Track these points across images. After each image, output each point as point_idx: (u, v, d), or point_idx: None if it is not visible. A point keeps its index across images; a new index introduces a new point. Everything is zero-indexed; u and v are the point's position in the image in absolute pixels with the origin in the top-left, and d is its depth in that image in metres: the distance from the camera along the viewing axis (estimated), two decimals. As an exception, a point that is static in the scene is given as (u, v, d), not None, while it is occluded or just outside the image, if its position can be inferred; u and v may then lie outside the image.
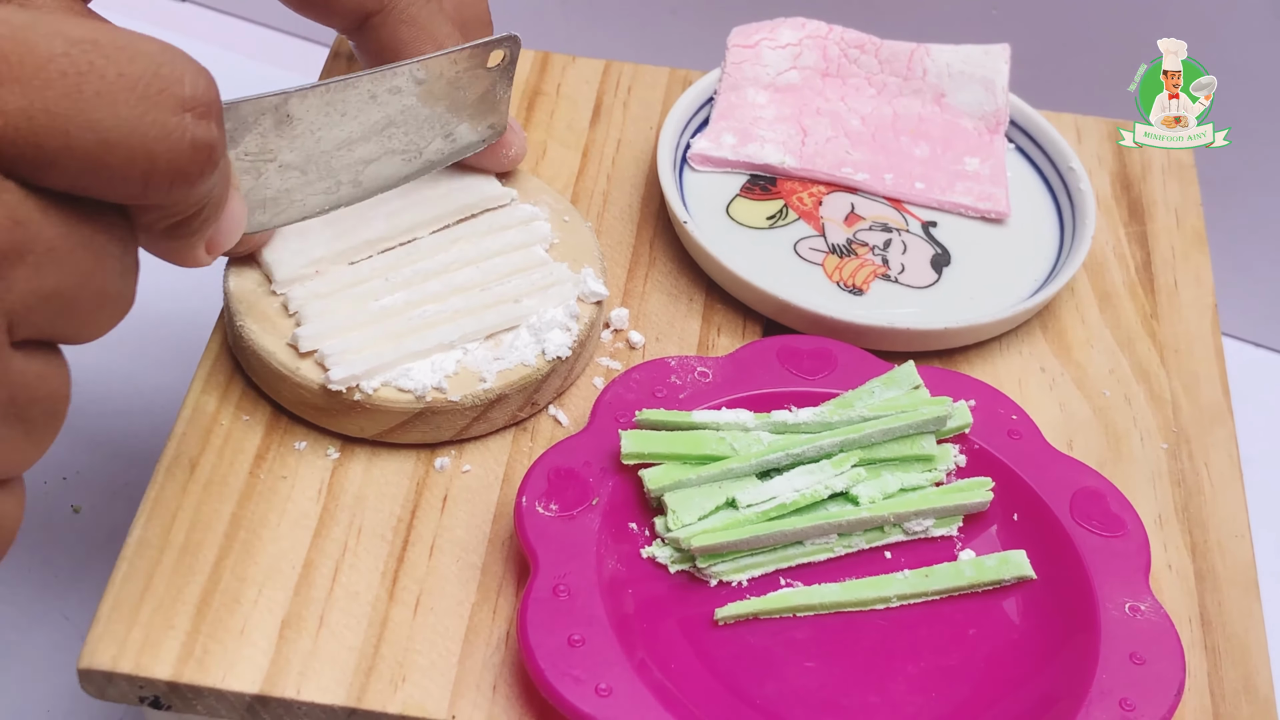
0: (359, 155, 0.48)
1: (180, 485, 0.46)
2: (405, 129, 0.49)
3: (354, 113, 0.47)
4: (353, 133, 0.48)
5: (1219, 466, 0.51)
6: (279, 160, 0.46)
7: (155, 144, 0.31)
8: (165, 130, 0.31)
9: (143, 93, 0.31)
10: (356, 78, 0.47)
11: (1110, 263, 0.58)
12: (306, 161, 0.47)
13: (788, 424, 0.47)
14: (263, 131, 0.45)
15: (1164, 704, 0.42)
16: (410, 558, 0.46)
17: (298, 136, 0.46)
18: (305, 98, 0.45)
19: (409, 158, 0.50)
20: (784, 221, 0.57)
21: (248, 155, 0.45)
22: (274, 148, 0.46)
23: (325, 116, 0.46)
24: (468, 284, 0.50)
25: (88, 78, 0.30)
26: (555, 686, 0.41)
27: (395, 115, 0.48)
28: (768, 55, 0.60)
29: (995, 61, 0.60)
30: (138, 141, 0.31)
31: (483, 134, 0.52)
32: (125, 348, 0.70)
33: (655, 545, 0.46)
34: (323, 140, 0.47)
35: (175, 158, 0.32)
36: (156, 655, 0.42)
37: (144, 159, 0.31)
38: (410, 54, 0.50)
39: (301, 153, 0.46)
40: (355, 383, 0.46)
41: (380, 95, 0.48)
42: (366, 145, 0.48)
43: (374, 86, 0.47)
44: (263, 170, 0.46)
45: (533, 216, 0.52)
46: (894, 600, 0.46)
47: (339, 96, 0.46)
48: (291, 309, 0.48)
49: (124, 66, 0.31)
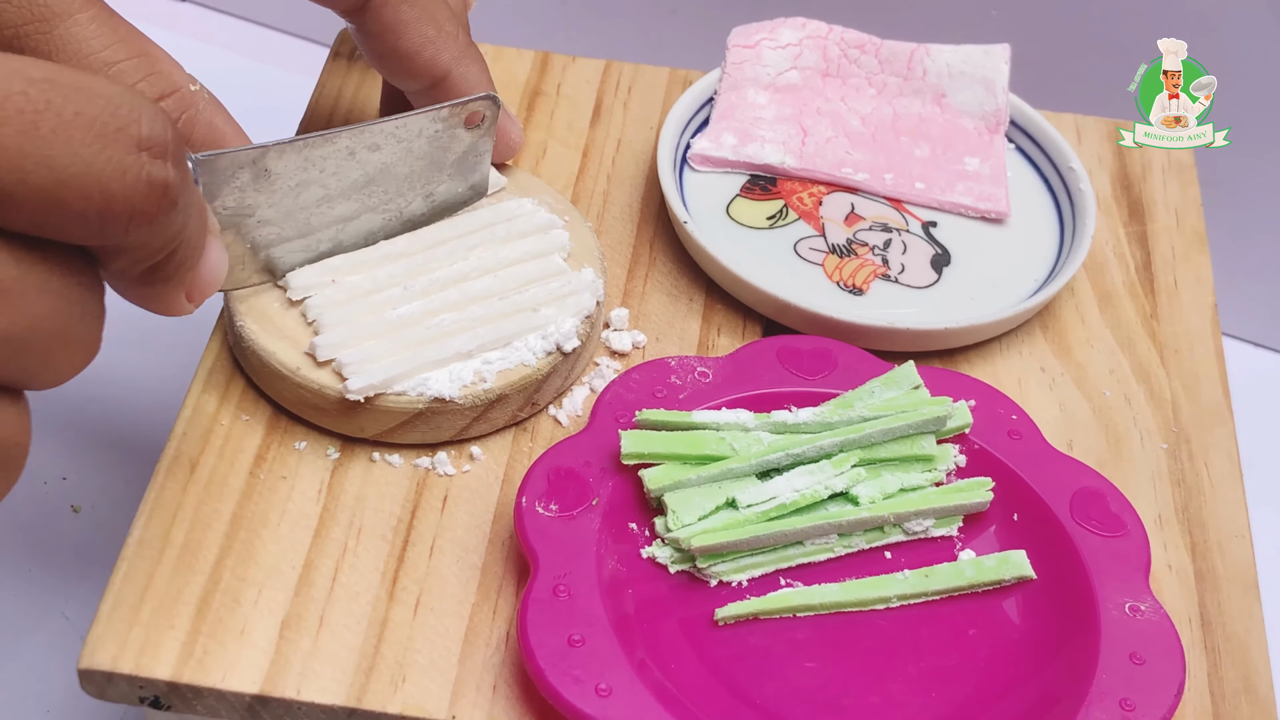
0: (339, 213, 0.48)
1: (180, 485, 0.46)
2: (385, 187, 0.49)
3: (333, 169, 0.47)
4: (332, 189, 0.48)
5: (1219, 466, 0.51)
6: (257, 216, 0.46)
7: (110, 182, 0.31)
8: (121, 169, 0.32)
9: (99, 131, 0.31)
10: (335, 134, 0.47)
11: (1110, 263, 0.58)
12: (285, 218, 0.47)
13: (788, 424, 0.47)
14: (240, 186, 0.45)
15: (1164, 704, 0.42)
16: (410, 558, 0.46)
17: (276, 192, 0.46)
18: (283, 153, 0.45)
19: (389, 217, 0.50)
20: (784, 221, 0.57)
21: (225, 210, 0.45)
22: (252, 203, 0.46)
23: (304, 172, 0.46)
24: (485, 293, 0.50)
25: (44, 115, 0.31)
26: (555, 686, 0.41)
27: (374, 173, 0.48)
28: (768, 55, 0.60)
29: (995, 61, 0.60)
30: (93, 180, 0.31)
31: (464, 194, 0.52)
32: (125, 348, 0.70)
33: (655, 545, 0.46)
34: (301, 196, 0.47)
35: (131, 196, 0.32)
36: (157, 655, 0.42)
37: (100, 197, 0.31)
38: (413, 35, 0.50)
39: (280, 209, 0.47)
40: (373, 392, 0.46)
41: (359, 151, 0.48)
42: (346, 203, 0.48)
43: (352, 143, 0.47)
44: (241, 225, 0.46)
45: (550, 224, 0.52)
46: (894, 600, 0.46)
47: (318, 152, 0.47)
48: (309, 317, 0.48)
49: (81, 106, 0.31)
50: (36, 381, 0.33)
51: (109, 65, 0.42)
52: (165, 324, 0.71)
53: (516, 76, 0.63)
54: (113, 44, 0.42)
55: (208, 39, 0.88)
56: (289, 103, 0.65)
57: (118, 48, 0.43)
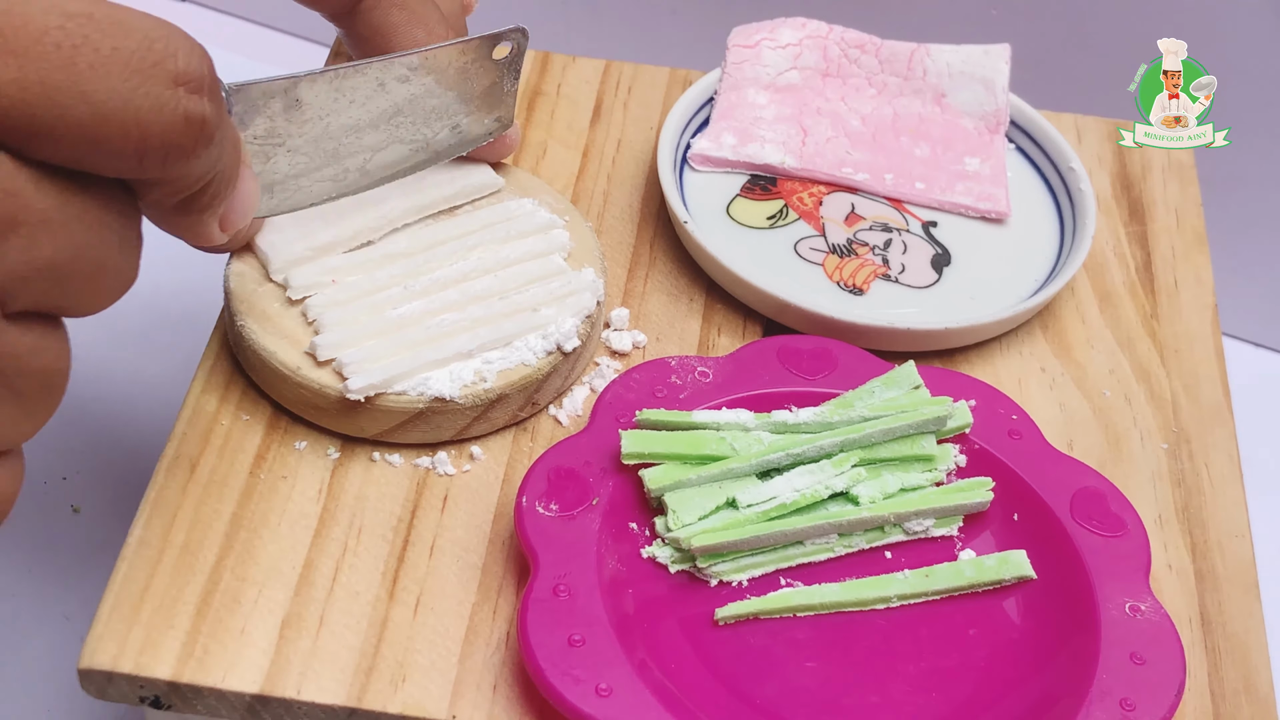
0: (367, 143, 0.48)
1: (180, 485, 0.46)
2: (412, 118, 0.49)
3: (362, 100, 0.47)
4: (360, 120, 0.48)
5: (1219, 466, 0.51)
6: (287, 145, 0.46)
7: (148, 117, 0.32)
8: (158, 104, 0.32)
9: (136, 66, 0.31)
10: (366, 64, 0.47)
11: (1110, 263, 0.58)
12: (314, 147, 0.47)
13: (788, 424, 0.47)
14: (271, 115, 0.45)
15: (1164, 704, 0.42)
16: (410, 558, 0.46)
17: (306, 121, 0.46)
18: (314, 82, 0.45)
19: (416, 148, 0.50)
20: (784, 221, 0.57)
21: (256, 139, 0.45)
22: (283, 132, 0.46)
23: (334, 102, 0.46)
24: (486, 292, 0.50)
25: (82, 51, 0.31)
26: (555, 686, 0.41)
27: (403, 104, 0.48)
28: (768, 55, 0.60)
29: (995, 61, 0.60)
30: (130, 115, 0.31)
31: (489, 127, 0.52)
32: (125, 348, 0.70)
33: (655, 545, 0.46)
34: (331, 126, 0.47)
35: (168, 131, 0.32)
36: (157, 655, 0.42)
37: (137, 132, 0.32)
38: (402, 38, 0.50)
39: (310, 138, 0.47)
40: (373, 392, 0.46)
41: (388, 83, 0.48)
42: (374, 133, 0.48)
43: (382, 74, 0.47)
44: (271, 154, 0.46)
45: (551, 224, 0.52)
46: (894, 600, 0.46)
47: (348, 83, 0.47)
48: (310, 317, 0.48)
49: (118, 41, 0.31)
50: (77, 309, 0.34)
51: None
52: (165, 324, 0.71)
53: (516, 76, 0.62)
54: None
55: (208, 39, 0.88)
56: (289, 103, 0.65)
57: None
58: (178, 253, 0.56)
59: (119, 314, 0.72)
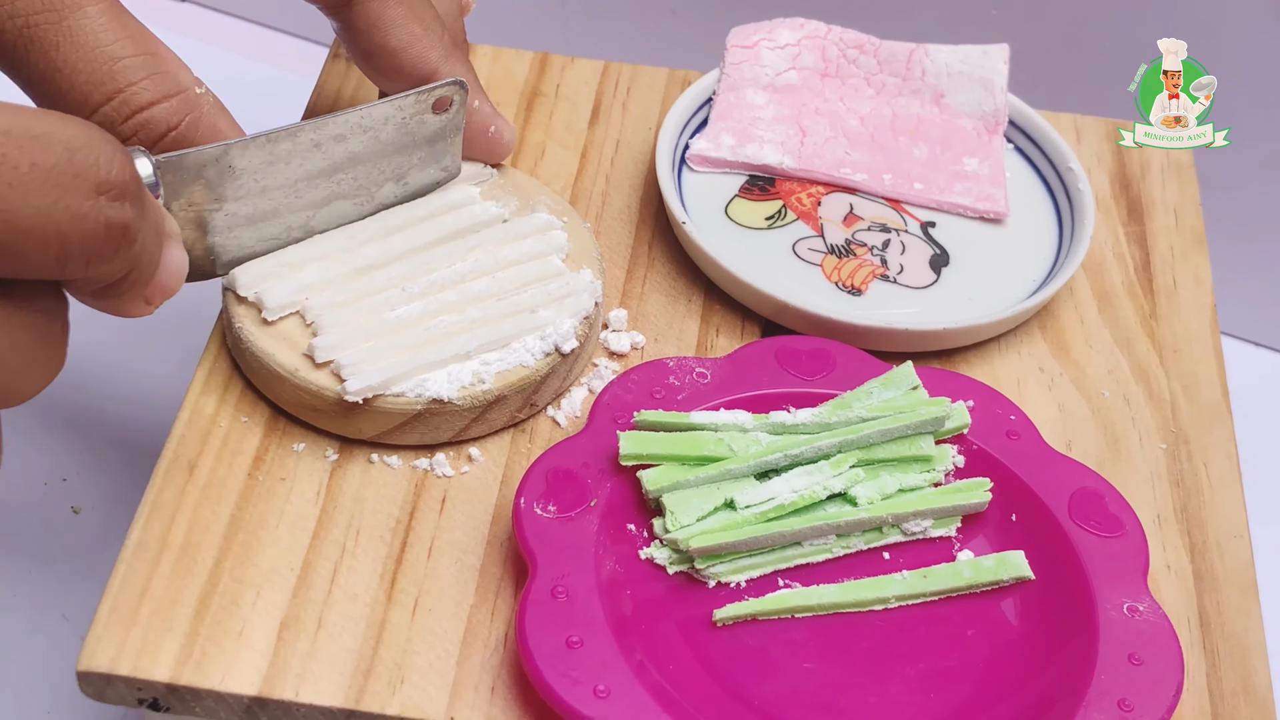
0: (307, 200, 0.49)
1: (179, 487, 0.46)
2: (354, 175, 0.49)
3: (298, 162, 0.47)
4: (299, 181, 0.48)
5: (1218, 466, 0.51)
6: (225, 209, 0.46)
7: (68, 229, 0.32)
8: (78, 215, 0.32)
9: (56, 181, 0.31)
10: (298, 128, 0.47)
11: (1109, 263, 0.58)
12: (254, 211, 0.47)
13: (786, 425, 0.47)
14: (206, 184, 0.45)
15: (1162, 704, 0.42)
16: (408, 559, 0.46)
17: (242, 186, 0.46)
18: (246, 149, 0.45)
19: (360, 201, 0.50)
20: (783, 222, 0.57)
21: (193, 206, 0.45)
22: (220, 196, 0.46)
23: (269, 167, 0.47)
24: (484, 294, 0.49)
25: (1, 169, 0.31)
26: (554, 688, 0.41)
27: (341, 162, 0.48)
28: (766, 56, 0.60)
29: (994, 62, 0.60)
30: (51, 228, 0.32)
31: (436, 176, 0.52)
32: (125, 349, 0.70)
33: (654, 546, 0.46)
34: (269, 190, 0.47)
35: (88, 240, 0.32)
36: (155, 657, 0.42)
37: (58, 244, 0.32)
38: (399, 32, 0.50)
39: (249, 203, 0.47)
40: (371, 394, 0.46)
41: (325, 144, 0.48)
42: (315, 191, 0.48)
43: (317, 135, 0.47)
44: (209, 219, 0.46)
45: (549, 225, 0.52)
46: (892, 601, 0.46)
47: (281, 147, 0.47)
48: (308, 319, 0.48)
49: (37, 156, 0.31)
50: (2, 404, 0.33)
51: (115, 60, 0.42)
52: (165, 325, 0.71)
53: (515, 77, 0.63)
54: (120, 39, 0.42)
55: (208, 39, 0.88)
56: (289, 103, 0.65)
57: (125, 43, 0.43)
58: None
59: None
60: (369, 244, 0.50)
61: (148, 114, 0.43)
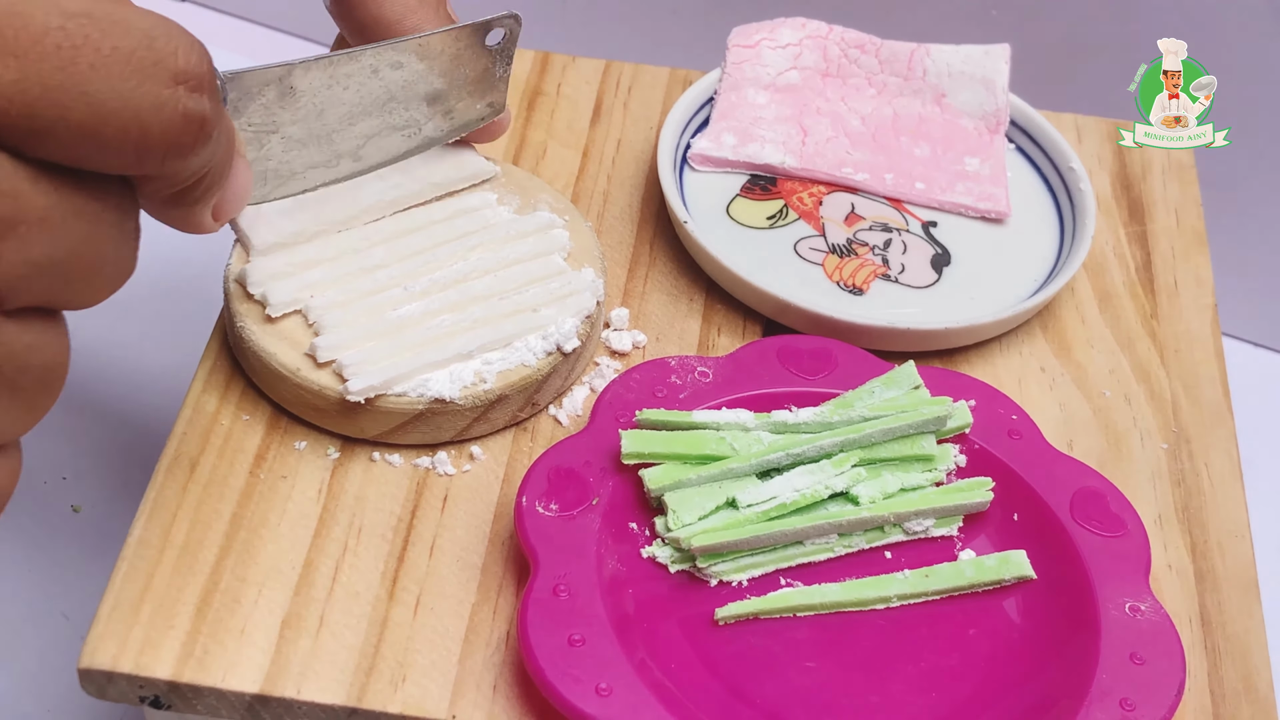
0: (360, 130, 0.49)
1: (180, 485, 0.46)
2: (405, 104, 0.49)
3: (356, 86, 0.48)
4: (354, 107, 0.48)
5: (1219, 466, 0.51)
6: (282, 132, 0.46)
7: (148, 116, 0.32)
8: (158, 102, 0.32)
9: (136, 66, 0.32)
10: (359, 51, 0.47)
11: (1110, 263, 0.58)
12: (309, 134, 0.47)
13: (788, 424, 0.47)
14: (266, 103, 0.45)
15: (1164, 704, 0.42)
16: (410, 557, 0.46)
17: (300, 109, 0.46)
18: (309, 70, 0.46)
19: (409, 134, 0.50)
20: (784, 221, 0.57)
21: (251, 126, 0.45)
22: (277, 119, 0.46)
23: (328, 89, 0.47)
24: (486, 293, 0.49)
25: (82, 51, 0.31)
26: (555, 686, 0.41)
27: (396, 90, 0.49)
28: (768, 55, 0.60)
29: (995, 61, 0.60)
30: (130, 114, 0.32)
31: (481, 112, 0.52)
32: (126, 348, 0.70)
33: (655, 545, 0.46)
34: (325, 114, 0.47)
35: (167, 129, 0.32)
36: (157, 655, 0.42)
37: (137, 131, 0.32)
38: (395, 3, 0.50)
39: (304, 125, 0.47)
40: (373, 393, 0.46)
41: (382, 70, 0.48)
42: (368, 120, 0.49)
43: (376, 60, 0.48)
44: (266, 141, 0.46)
45: (550, 224, 0.52)
46: (894, 600, 0.46)
47: (342, 70, 0.47)
48: (310, 319, 0.48)
49: (118, 40, 0.31)
50: (76, 302, 0.34)
51: None
52: (165, 324, 0.71)
53: (517, 76, 0.63)
54: None
55: (208, 39, 0.88)
56: (289, 103, 0.65)
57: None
58: (178, 253, 0.56)
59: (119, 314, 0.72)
60: (380, 245, 0.50)
61: None
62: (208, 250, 0.61)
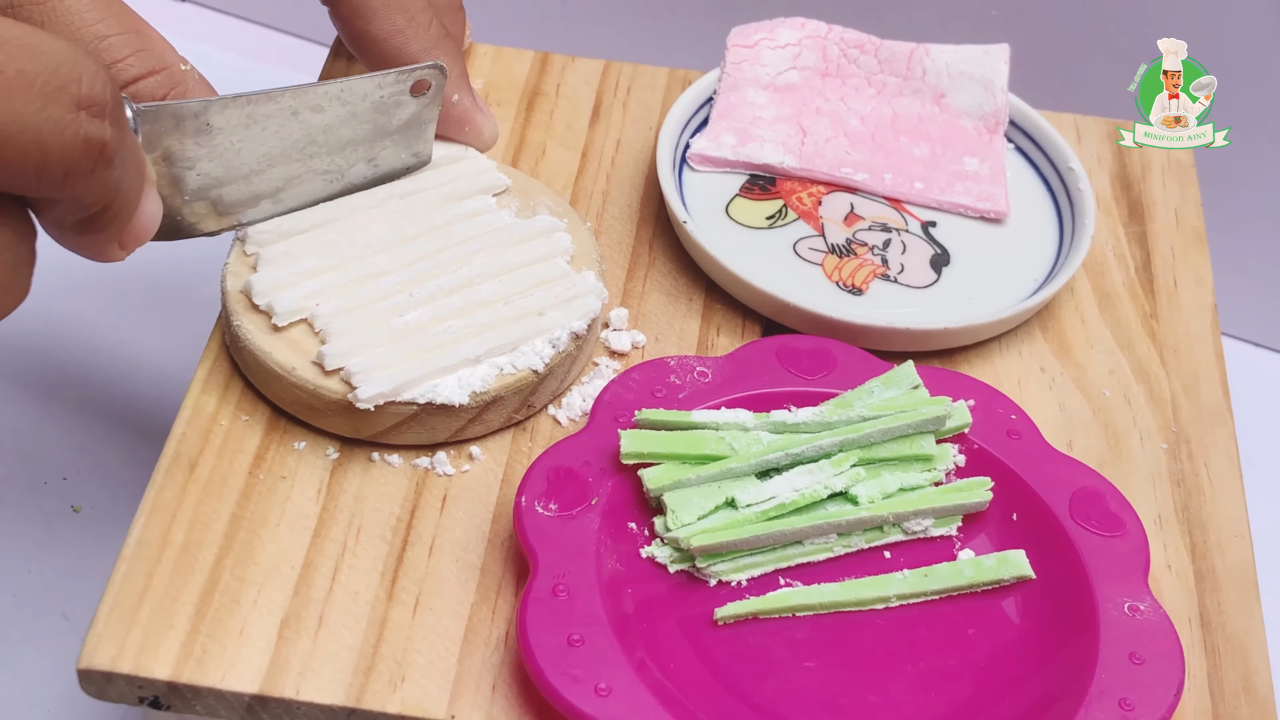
0: (279, 172, 0.49)
1: (180, 485, 0.46)
2: (327, 149, 0.49)
3: (275, 128, 0.47)
4: (273, 148, 0.48)
5: (1219, 466, 0.51)
6: (196, 169, 0.46)
7: (48, 138, 0.32)
8: (59, 126, 0.33)
9: (40, 89, 0.32)
10: (279, 92, 0.47)
11: (1110, 263, 0.58)
12: (225, 173, 0.47)
13: (787, 424, 0.47)
14: (181, 138, 0.45)
15: (1163, 704, 0.42)
16: (409, 558, 0.46)
17: (216, 146, 0.46)
18: (225, 107, 0.46)
19: (330, 179, 0.50)
20: (783, 221, 0.57)
21: (167, 160, 0.45)
22: (192, 155, 0.46)
23: (245, 129, 0.47)
24: (491, 298, 0.49)
25: None
26: (555, 686, 0.41)
27: (316, 134, 0.49)
28: (767, 55, 0.60)
29: (995, 61, 0.60)
30: (31, 135, 0.32)
31: (406, 161, 0.52)
32: (125, 347, 0.70)
33: (655, 545, 0.46)
34: (243, 153, 0.47)
35: (67, 153, 0.33)
36: (156, 655, 0.42)
37: (36, 152, 0.32)
38: (381, 22, 0.51)
39: (220, 164, 0.47)
40: (383, 400, 0.46)
41: (302, 112, 0.48)
42: (288, 164, 0.49)
43: (295, 103, 0.47)
44: (180, 177, 0.46)
45: (552, 228, 0.52)
46: (893, 600, 0.46)
47: (260, 110, 0.47)
48: (316, 326, 0.48)
49: (24, 64, 0.32)
50: None
51: (100, 39, 0.43)
52: (164, 324, 0.71)
53: (516, 76, 0.63)
54: (105, 18, 0.43)
55: (208, 39, 0.88)
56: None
57: (110, 22, 0.43)
58: (178, 254, 0.56)
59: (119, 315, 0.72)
60: (382, 252, 0.50)
61: (134, 88, 0.44)
62: (208, 251, 0.61)
